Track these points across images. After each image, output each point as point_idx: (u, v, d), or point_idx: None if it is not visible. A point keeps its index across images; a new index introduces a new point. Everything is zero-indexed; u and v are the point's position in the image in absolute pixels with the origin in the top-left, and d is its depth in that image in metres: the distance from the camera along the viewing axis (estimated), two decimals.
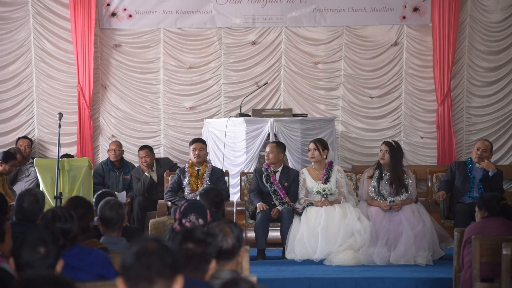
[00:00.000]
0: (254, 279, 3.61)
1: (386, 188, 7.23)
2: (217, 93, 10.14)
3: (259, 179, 7.61)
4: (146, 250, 2.37)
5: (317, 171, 7.51)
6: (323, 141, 7.67)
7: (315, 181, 7.44)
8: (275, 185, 7.50)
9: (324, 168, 7.49)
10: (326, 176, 7.43)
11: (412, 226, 7.05)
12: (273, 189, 7.48)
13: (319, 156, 7.48)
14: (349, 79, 10.19)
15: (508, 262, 5.00)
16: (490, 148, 7.93)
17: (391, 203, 7.14)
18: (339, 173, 7.51)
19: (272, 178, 7.53)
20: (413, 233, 7.00)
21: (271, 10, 10.07)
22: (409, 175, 7.34)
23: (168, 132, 10.14)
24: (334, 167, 7.54)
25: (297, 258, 7.04)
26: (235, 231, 3.40)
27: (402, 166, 7.32)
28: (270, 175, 7.55)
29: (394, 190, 7.20)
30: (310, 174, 7.52)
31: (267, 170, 7.60)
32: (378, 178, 7.28)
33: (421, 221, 7.08)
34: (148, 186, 8.89)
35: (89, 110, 9.89)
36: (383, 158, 7.30)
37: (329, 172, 7.46)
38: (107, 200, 4.68)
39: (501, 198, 5.71)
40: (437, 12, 9.92)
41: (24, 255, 3.05)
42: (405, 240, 6.96)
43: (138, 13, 10.09)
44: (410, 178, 7.31)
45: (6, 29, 10.03)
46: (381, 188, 7.23)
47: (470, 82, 10.21)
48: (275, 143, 7.76)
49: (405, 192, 7.19)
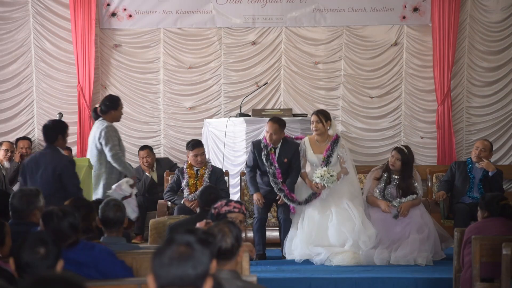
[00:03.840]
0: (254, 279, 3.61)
1: (392, 192, 7.19)
2: (217, 93, 10.14)
3: (257, 156, 7.29)
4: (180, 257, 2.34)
5: (319, 143, 7.25)
6: (325, 112, 7.39)
7: (315, 154, 7.22)
8: (274, 166, 7.20)
9: (328, 141, 7.22)
10: (329, 152, 7.16)
11: (420, 230, 7.04)
12: (272, 171, 7.18)
13: (323, 128, 7.19)
14: (349, 79, 10.19)
15: (508, 262, 5.00)
16: (489, 147, 7.92)
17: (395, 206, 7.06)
18: (341, 148, 7.23)
19: (271, 157, 7.23)
20: (420, 237, 6.99)
21: (271, 10, 10.07)
22: (416, 177, 7.24)
23: (168, 132, 10.15)
24: (340, 141, 7.27)
25: (297, 259, 7.03)
26: (234, 231, 3.40)
27: (412, 171, 7.21)
28: (269, 153, 7.24)
29: (400, 194, 7.15)
30: (311, 146, 7.26)
31: (267, 147, 7.24)
32: (386, 182, 7.22)
33: (427, 225, 7.08)
34: (149, 186, 8.91)
35: (89, 110, 9.89)
36: (394, 165, 7.16)
37: (333, 147, 7.17)
38: (107, 201, 4.77)
39: (502, 198, 5.71)
40: (437, 12, 9.92)
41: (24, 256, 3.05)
42: (410, 243, 6.94)
43: (138, 13, 10.09)
44: (416, 180, 7.24)
45: (6, 29, 10.03)
46: (386, 192, 7.18)
47: (470, 82, 10.21)
48: (277, 123, 7.26)
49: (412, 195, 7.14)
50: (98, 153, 6.89)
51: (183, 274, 2.32)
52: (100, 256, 3.93)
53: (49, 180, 6.01)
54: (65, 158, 6.22)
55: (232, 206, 4.67)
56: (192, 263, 2.33)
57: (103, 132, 6.84)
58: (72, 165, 6.14)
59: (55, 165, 6.03)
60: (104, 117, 6.98)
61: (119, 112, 7.09)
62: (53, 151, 6.15)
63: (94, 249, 3.96)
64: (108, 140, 6.79)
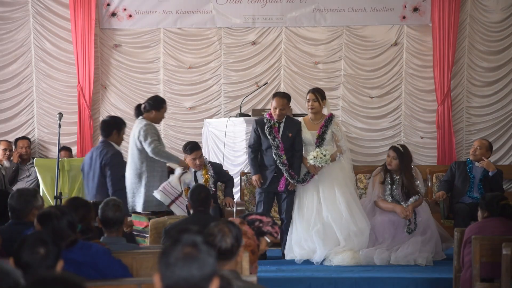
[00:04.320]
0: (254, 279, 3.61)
1: (399, 193, 7.19)
2: (217, 93, 10.14)
3: (260, 132, 7.22)
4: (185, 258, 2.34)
5: (313, 121, 7.26)
6: (321, 90, 7.38)
7: (309, 131, 7.21)
8: (277, 139, 7.14)
9: (322, 119, 7.24)
10: (324, 129, 7.16)
11: (424, 232, 7.04)
12: (276, 143, 7.12)
13: (319, 106, 7.21)
14: (349, 79, 10.19)
15: (508, 262, 5.00)
16: (486, 145, 7.91)
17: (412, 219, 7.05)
18: (336, 126, 7.25)
19: (274, 131, 7.17)
20: (422, 238, 6.99)
21: (271, 10, 10.07)
22: (417, 175, 7.25)
23: (168, 132, 10.14)
24: (335, 119, 7.30)
25: (297, 259, 7.03)
26: (234, 231, 3.40)
27: (411, 170, 7.22)
28: (273, 126, 7.17)
29: (405, 193, 7.15)
30: (306, 124, 7.26)
31: (270, 121, 7.18)
32: (391, 184, 7.21)
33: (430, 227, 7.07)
34: None
35: (89, 110, 9.89)
36: (390, 165, 7.19)
37: (327, 124, 7.19)
38: (106, 201, 4.77)
39: (502, 198, 5.71)
40: (437, 12, 9.92)
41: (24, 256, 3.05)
42: (412, 244, 6.94)
43: (138, 13, 10.09)
44: (418, 177, 7.24)
45: (6, 29, 10.03)
46: (394, 194, 7.18)
47: (470, 82, 10.21)
48: (285, 98, 7.23)
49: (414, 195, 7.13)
50: (139, 152, 6.84)
51: (188, 275, 2.32)
52: (97, 256, 3.94)
53: (98, 173, 6.38)
54: (112, 150, 6.45)
55: (275, 231, 4.79)
56: (198, 264, 2.33)
57: (142, 130, 6.81)
58: (116, 156, 6.42)
59: (102, 158, 6.38)
60: (146, 115, 6.95)
61: (161, 114, 7.04)
62: (104, 144, 6.50)
63: (92, 248, 3.98)
64: (146, 136, 6.75)
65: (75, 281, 2.31)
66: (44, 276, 2.34)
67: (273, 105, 7.19)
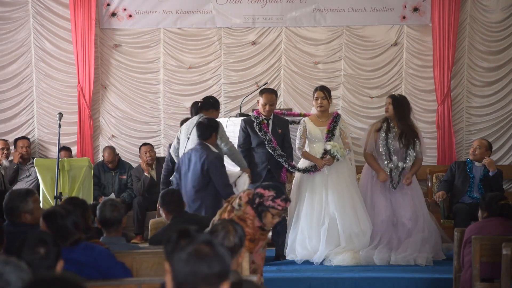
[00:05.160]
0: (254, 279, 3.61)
1: (395, 144, 7.14)
2: (217, 93, 10.13)
3: (250, 130, 7.25)
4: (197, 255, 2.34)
5: (320, 118, 7.26)
6: (328, 88, 7.40)
7: (318, 127, 7.21)
8: (268, 133, 7.16)
9: (330, 116, 7.24)
10: (333, 124, 7.17)
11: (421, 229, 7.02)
12: (268, 137, 7.14)
13: (327, 104, 7.22)
14: (349, 79, 10.19)
15: (508, 262, 5.00)
16: (486, 145, 7.92)
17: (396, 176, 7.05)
18: (344, 123, 7.30)
19: (264, 127, 7.19)
20: (422, 235, 6.98)
21: (271, 10, 10.07)
22: (418, 133, 7.20)
23: (168, 132, 10.14)
24: (342, 117, 7.33)
25: (297, 259, 7.02)
26: (239, 230, 3.40)
27: (410, 120, 7.19)
28: (262, 123, 7.20)
29: (403, 144, 7.10)
30: (313, 121, 7.25)
31: (258, 118, 7.22)
32: (386, 130, 7.17)
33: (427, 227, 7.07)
34: (148, 186, 8.91)
35: (89, 110, 9.89)
36: (387, 110, 7.20)
37: (336, 120, 7.21)
38: (104, 201, 4.79)
39: (501, 198, 5.71)
40: (437, 12, 9.92)
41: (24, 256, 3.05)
42: (412, 244, 6.93)
43: (138, 13, 10.09)
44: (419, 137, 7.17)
45: (6, 29, 10.04)
46: (389, 144, 7.14)
47: (470, 82, 10.21)
48: (274, 94, 7.34)
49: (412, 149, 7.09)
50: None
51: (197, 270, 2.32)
52: (99, 257, 3.95)
53: (198, 175, 6.34)
54: (213, 154, 6.42)
55: (277, 204, 4.66)
56: (208, 262, 2.33)
57: None
58: (219, 161, 6.41)
59: (204, 161, 6.33)
60: (205, 113, 6.97)
61: (217, 114, 7.14)
62: (203, 147, 6.46)
63: (94, 250, 3.98)
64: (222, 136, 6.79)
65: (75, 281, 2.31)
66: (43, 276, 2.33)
67: (262, 101, 7.24)
